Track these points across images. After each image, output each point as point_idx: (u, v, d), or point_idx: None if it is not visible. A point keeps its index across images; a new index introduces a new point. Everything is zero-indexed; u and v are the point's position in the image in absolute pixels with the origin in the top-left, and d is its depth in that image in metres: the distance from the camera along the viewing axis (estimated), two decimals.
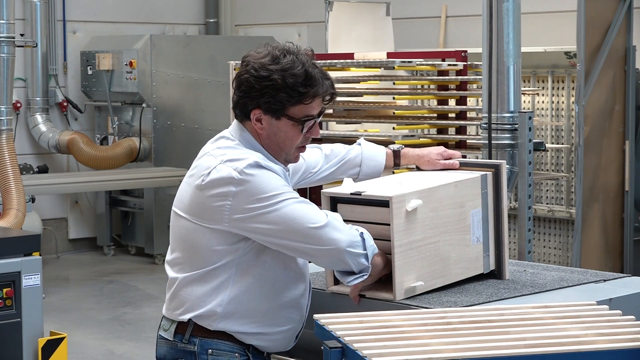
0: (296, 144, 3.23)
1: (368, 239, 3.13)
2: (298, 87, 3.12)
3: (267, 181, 3.08)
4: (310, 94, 3.14)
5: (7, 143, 7.78)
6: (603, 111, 7.05)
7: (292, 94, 3.13)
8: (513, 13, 5.18)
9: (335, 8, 8.81)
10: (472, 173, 3.45)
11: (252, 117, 3.17)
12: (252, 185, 3.07)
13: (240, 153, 3.14)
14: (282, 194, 3.08)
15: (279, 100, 3.12)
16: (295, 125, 3.18)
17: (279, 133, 3.18)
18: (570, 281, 3.46)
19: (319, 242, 3.08)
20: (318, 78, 3.15)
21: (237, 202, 3.07)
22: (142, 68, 10.73)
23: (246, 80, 3.15)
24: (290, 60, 3.14)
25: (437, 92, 7.36)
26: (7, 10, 7.62)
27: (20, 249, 5.18)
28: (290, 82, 3.11)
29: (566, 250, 8.13)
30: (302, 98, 3.14)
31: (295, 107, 3.15)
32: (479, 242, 3.43)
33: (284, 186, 3.11)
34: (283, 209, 3.07)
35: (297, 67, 3.13)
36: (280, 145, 3.20)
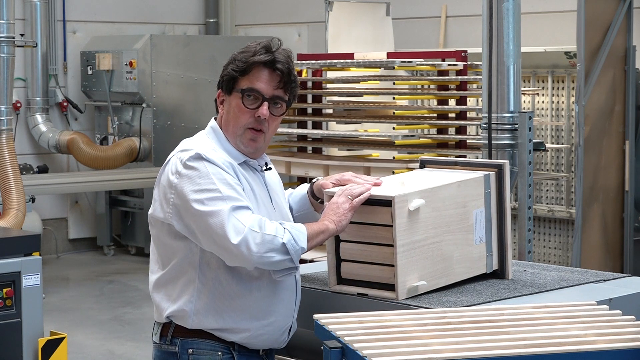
0: (243, 123, 3.21)
1: (294, 237, 3.11)
2: (242, 55, 3.20)
3: (204, 175, 3.10)
4: (251, 61, 3.18)
5: (7, 143, 7.78)
6: (603, 111, 7.05)
7: (238, 63, 3.20)
8: (513, 13, 5.19)
9: (335, 8, 8.81)
10: (475, 173, 3.45)
11: (218, 100, 3.28)
12: (189, 178, 3.11)
13: (193, 143, 3.22)
14: (214, 191, 3.08)
15: (228, 72, 3.22)
16: (242, 99, 3.20)
17: (231, 110, 3.23)
18: (570, 281, 3.46)
19: (230, 256, 3.08)
20: (258, 50, 3.20)
21: (178, 193, 3.12)
22: (142, 68, 10.73)
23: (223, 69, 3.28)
24: (249, 45, 3.24)
25: (437, 92, 7.36)
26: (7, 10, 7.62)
27: (20, 249, 5.18)
28: (237, 55, 3.22)
29: (566, 250, 8.14)
30: (245, 67, 3.19)
31: (243, 79, 3.20)
32: (482, 241, 3.43)
33: (221, 183, 3.10)
34: (206, 210, 3.07)
35: (252, 45, 3.23)
36: (232, 123, 3.23)
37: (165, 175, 3.18)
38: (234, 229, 3.03)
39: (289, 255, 3.08)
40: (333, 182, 3.35)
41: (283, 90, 3.22)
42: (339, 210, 3.17)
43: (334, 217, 3.17)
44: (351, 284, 3.28)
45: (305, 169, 7.59)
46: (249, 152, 3.24)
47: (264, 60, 3.18)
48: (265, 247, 3.05)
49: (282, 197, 3.37)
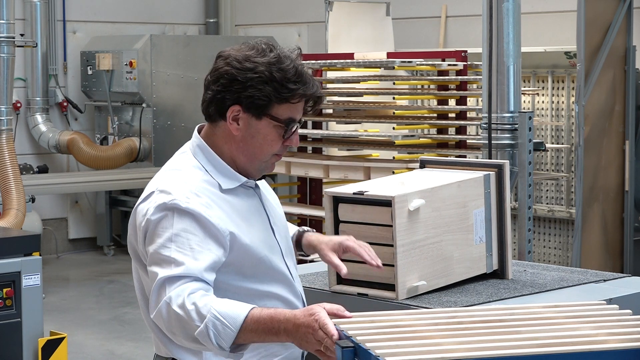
0: (273, 151, 2.84)
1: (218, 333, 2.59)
2: (287, 82, 2.77)
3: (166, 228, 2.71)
4: (299, 92, 2.79)
5: (7, 143, 7.78)
6: (603, 111, 7.05)
7: (280, 89, 2.77)
8: (513, 13, 5.19)
9: (335, 8, 8.81)
10: (475, 173, 3.46)
11: (229, 115, 2.82)
12: (153, 227, 2.73)
13: (175, 182, 2.80)
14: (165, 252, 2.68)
15: (265, 94, 2.76)
16: (278, 127, 2.80)
17: (257, 136, 2.81)
18: (570, 281, 3.46)
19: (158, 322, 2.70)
20: (308, 77, 2.82)
21: (142, 238, 2.77)
22: (142, 68, 10.73)
23: (226, 72, 2.81)
24: (277, 55, 2.81)
25: (437, 92, 7.36)
26: (7, 10, 7.63)
27: (20, 249, 5.18)
28: (278, 75, 2.77)
29: (566, 250, 8.14)
30: (290, 96, 2.78)
31: (281, 106, 2.79)
32: (482, 241, 3.44)
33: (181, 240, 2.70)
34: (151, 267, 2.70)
35: (286, 62, 2.79)
36: (256, 152, 2.83)
37: (142, 210, 2.79)
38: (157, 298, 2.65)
39: (202, 345, 2.62)
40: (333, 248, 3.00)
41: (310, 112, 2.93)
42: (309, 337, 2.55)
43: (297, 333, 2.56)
44: (351, 284, 3.29)
45: (305, 169, 7.59)
46: (259, 175, 2.91)
47: (318, 95, 2.86)
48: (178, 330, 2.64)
49: (277, 208, 3.02)
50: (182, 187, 2.77)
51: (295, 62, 2.82)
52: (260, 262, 2.84)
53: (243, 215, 2.84)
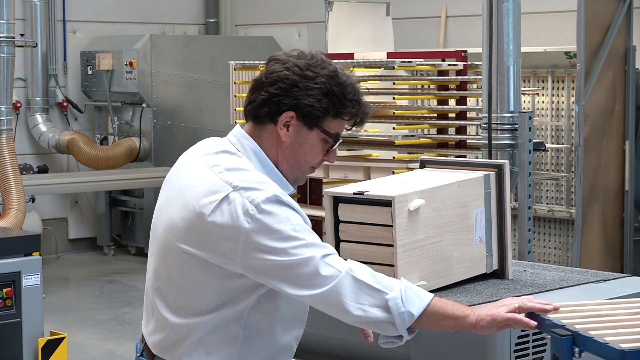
0: (314, 162, 2.84)
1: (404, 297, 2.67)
2: (345, 98, 2.77)
3: (286, 220, 2.68)
4: (353, 109, 2.79)
5: (7, 143, 7.78)
6: (603, 111, 7.05)
7: (338, 104, 2.77)
8: (513, 13, 5.19)
9: (335, 8, 8.81)
10: (475, 173, 3.46)
11: (282, 119, 2.76)
12: (269, 224, 2.65)
13: (253, 178, 2.72)
14: (297, 239, 2.67)
15: (324, 106, 2.75)
16: (324, 141, 2.80)
17: (305, 146, 2.80)
18: (570, 281, 3.46)
19: (327, 306, 2.70)
20: (362, 95, 2.82)
21: (251, 240, 2.65)
22: (142, 68, 10.73)
23: (286, 77, 2.75)
24: (335, 68, 2.80)
25: (437, 92, 7.36)
26: (7, 10, 7.63)
27: (20, 249, 5.18)
28: (337, 90, 2.76)
29: (566, 250, 8.14)
30: (344, 112, 2.78)
31: (334, 121, 2.79)
32: (482, 241, 3.44)
33: (303, 227, 2.71)
34: (292, 260, 2.66)
35: (343, 78, 2.78)
36: (300, 161, 2.82)
37: (223, 217, 2.67)
38: (328, 275, 2.65)
39: (389, 314, 2.66)
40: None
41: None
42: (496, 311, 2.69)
43: (483, 312, 2.70)
44: None
45: None
46: (294, 184, 2.90)
47: (364, 114, 2.83)
48: (364, 299, 2.66)
49: None
50: (268, 184, 2.72)
51: (352, 79, 2.81)
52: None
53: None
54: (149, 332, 2.91)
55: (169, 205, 2.81)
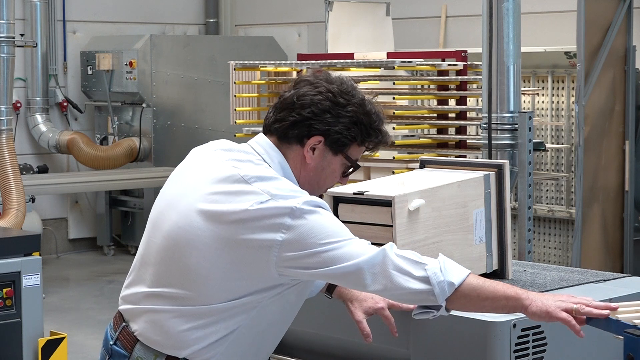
0: (329, 185, 2.95)
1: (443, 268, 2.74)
2: (371, 128, 2.86)
3: (330, 221, 2.75)
4: (377, 138, 2.88)
5: (7, 143, 7.78)
6: (603, 111, 7.05)
7: (364, 133, 2.85)
8: (513, 13, 5.19)
9: (335, 8, 8.81)
10: (475, 173, 3.45)
11: (310, 142, 2.82)
12: (313, 222, 2.71)
13: (288, 188, 2.76)
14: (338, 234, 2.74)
15: (352, 135, 2.83)
16: (345, 166, 2.89)
17: (327, 169, 2.88)
18: (570, 281, 3.46)
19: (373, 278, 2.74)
20: (384, 125, 2.91)
21: (292, 236, 2.70)
22: (142, 68, 10.73)
23: (319, 102, 2.81)
24: (362, 96, 2.88)
25: (437, 92, 7.36)
26: (7, 10, 7.63)
27: (20, 249, 5.18)
28: (364, 119, 2.84)
29: (566, 250, 8.14)
30: (368, 140, 2.87)
31: (358, 148, 2.88)
32: (482, 242, 3.43)
33: (341, 227, 2.78)
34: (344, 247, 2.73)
35: (369, 106, 2.88)
36: (320, 183, 2.90)
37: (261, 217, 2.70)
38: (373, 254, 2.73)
39: (428, 285, 2.72)
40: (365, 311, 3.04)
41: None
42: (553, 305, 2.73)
43: (539, 300, 2.76)
44: None
45: None
46: None
47: (385, 143, 2.92)
48: (405, 268, 2.72)
49: None
50: (300, 190, 2.78)
51: (377, 107, 2.90)
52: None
53: None
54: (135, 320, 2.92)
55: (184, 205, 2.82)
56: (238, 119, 7.92)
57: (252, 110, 8.01)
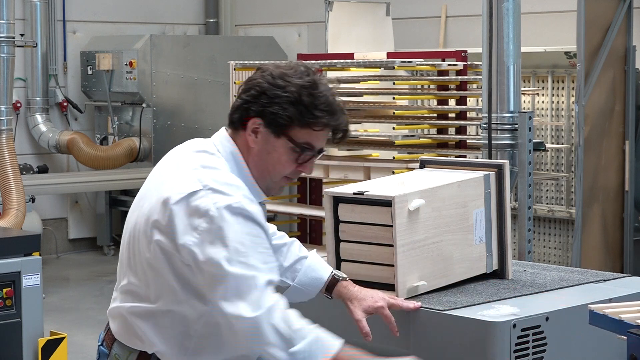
0: (285, 172, 2.88)
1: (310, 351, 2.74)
2: (314, 108, 2.81)
3: (239, 232, 2.72)
4: (323, 120, 2.84)
5: (7, 143, 7.78)
6: (603, 111, 7.06)
7: (304, 114, 2.81)
8: (513, 13, 5.19)
9: (335, 8, 8.81)
10: (475, 173, 3.45)
11: (249, 125, 2.84)
12: (223, 230, 2.71)
13: (227, 182, 2.79)
14: (244, 254, 2.72)
15: (289, 115, 2.80)
16: (292, 150, 2.84)
17: (273, 154, 2.85)
18: (570, 281, 3.46)
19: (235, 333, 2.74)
20: (337, 108, 2.87)
21: (203, 239, 2.72)
22: (142, 68, 10.73)
23: (258, 84, 2.84)
24: (312, 80, 2.84)
25: (437, 92, 7.36)
26: (7, 10, 7.63)
27: (20, 249, 5.18)
28: (306, 100, 2.81)
29: (566, 250, 8.14)
30: (313, 122, 2.83)
31: (302, 130, 2.83)
32: (482, 242, 3.43)
33: (254, 243, 2.74)
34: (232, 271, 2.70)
35: (319, 89, 2.83)
36: (269, 169, 2.87)
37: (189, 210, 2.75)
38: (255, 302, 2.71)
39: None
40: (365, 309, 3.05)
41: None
42: None
43: None
44: None
45: None
46: (266, 193, 2.93)
47: (343, 129, 2.91)
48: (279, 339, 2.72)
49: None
50: (237, 190, 2.78)
51: (330, 91, 2.86)
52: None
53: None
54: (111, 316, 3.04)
55: (144, 199, 2.93)
56: None
57: None
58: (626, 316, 2.56)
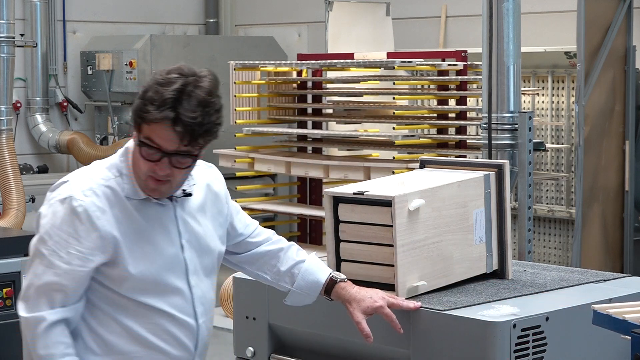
0: (143, 171, 2.85)
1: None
2: (150, 103, 2.77)
3: (55, 226, 2.85)
4: (154, 113, 2.76)
5: (7, 143, 7.78)
6: (603, 111, 7.05)
7: (142, 108, 2.79)
8: (513, 13, 5.20)
9: (335, 8, 8.81)
10: (475, 173, 3.46)
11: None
12: (43, 222, 2.88)
13: (77, 180, 2.91)
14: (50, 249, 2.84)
15: (134, 110, 2.84)
16: (140, 145, 2.83)
17: (135, 152, 2.87)
18: (570, 281, 3.46)
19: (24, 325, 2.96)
20: (171, 102, 2.76)
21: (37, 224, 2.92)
22: (142, 68, 10.73)
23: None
24: (169, 78, 2.80)
25: (437, 92, 7.36)
26: (7, 10, 7.63)
27: (20, 249, 5.18)
28: (149, 95, 2.79)
29: (566, 250, 8.13)
30: (146, 115, 2.78)
31: (144, 126, 2.79)
32: (482, 242, 3.44)
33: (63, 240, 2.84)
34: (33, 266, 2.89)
35: (170, 86, 2.78)
36: (134, 167, 2.88)
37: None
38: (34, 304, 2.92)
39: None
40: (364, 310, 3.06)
41: (191, 145, 2.80)
42: None
43: None
44: None
45: (305, 169, 7.59)
46: (153, 196, 2.92)
47: (162, 118, 2.77)
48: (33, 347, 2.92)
49: (204, 227, 3.04)
50: (83, 183, 2.88)
51: (184, 88, 2.78)
52: (146, 275, 2.90)
53: (140, 227, 2.90)
54: None
55: None
56: (238, 119, 7.92)
57: (252, 110, 8.01)
58: (630, 316, 2.56)
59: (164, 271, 2.92)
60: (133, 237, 2.88)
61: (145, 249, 2.89)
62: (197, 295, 2.98)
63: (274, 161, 7.75)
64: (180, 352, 2.96)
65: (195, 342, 2.98)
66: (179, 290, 2.94)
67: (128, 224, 2.88)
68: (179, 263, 2.95)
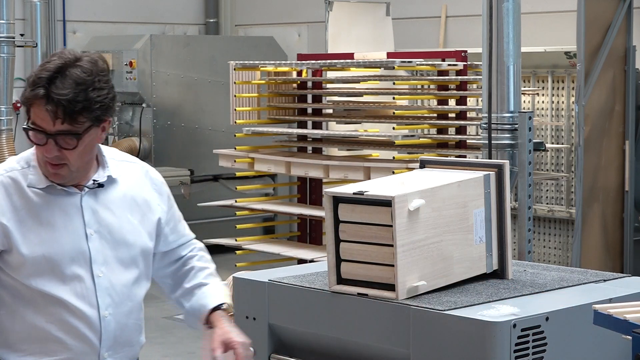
0: (40, 157, 2.90)
1: None
2: (26, 84, 2.86)
3: None
4: (25, 92, 2.84)
5: (7, 143, 7.79)
6: (603, 111, 7.06)
7: (22, 92, 2.89)
8: (513, 13, 5.20)
9: (335, 8, 8.81)
10: (475, 173, 3.45)
11: None
12: None
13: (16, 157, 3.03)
14: None
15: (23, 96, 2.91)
16: (26, 132, 2.88)
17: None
18: (570, 281, 3.46)
19: None
20: (44, 81, 2.79)
21: None
22: (142, 68, 10.74)
23: None
24: (48, 60, 2.87)
25: (437, 92, 7.36)
26: (7, 10, 7.65)
27: None
28: (29, 79, 2.86)
29: (566, 250, 8.14)
30: (23, 98, 2.87)
31: (30, 111, 2.85)
32: (482, 241, 3.43)
33: None
34: None
35: (44, 66, 2.84)
36: (37, 156, 2.94)
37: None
38: None
39: None
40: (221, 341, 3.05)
41: (69, 123, 2.82)
42: None
43: None
44: (351, 284, 3.28)
45: (305, 169, 7.59)
46: (57, 183, 2.94)
47: (32, 96, 2.80)
48: None
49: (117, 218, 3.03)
50: (13, 162, 2.95)
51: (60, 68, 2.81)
52: (40, 260, 2.90)
53: (39, 214, 2.91)
54: None
55: None
56: (238, 119, 7.92)
57: (252, 110, 8.01)
58: (631, 316, 2.56)
59: (62, 257, 2.91)
60: (29, 223, 2.89)
61: (42, 235, 2.89)
62: (103, 286, 2.95)
63: (274, 161, 7.75)
64: (80, 344, 2.93)
65: (98, 335, 2.95)
66: (79, 277, 2.92)
67: (25, 211, 2.89)
68: (82, 251, 2.94)
